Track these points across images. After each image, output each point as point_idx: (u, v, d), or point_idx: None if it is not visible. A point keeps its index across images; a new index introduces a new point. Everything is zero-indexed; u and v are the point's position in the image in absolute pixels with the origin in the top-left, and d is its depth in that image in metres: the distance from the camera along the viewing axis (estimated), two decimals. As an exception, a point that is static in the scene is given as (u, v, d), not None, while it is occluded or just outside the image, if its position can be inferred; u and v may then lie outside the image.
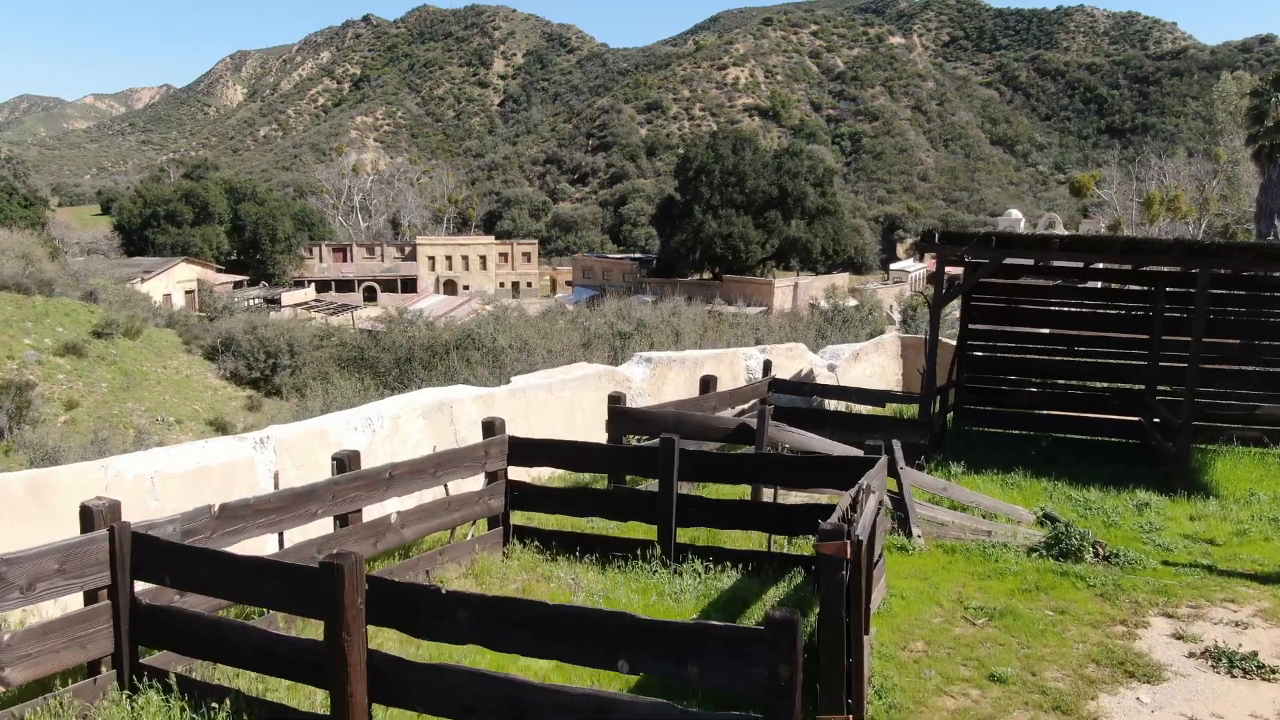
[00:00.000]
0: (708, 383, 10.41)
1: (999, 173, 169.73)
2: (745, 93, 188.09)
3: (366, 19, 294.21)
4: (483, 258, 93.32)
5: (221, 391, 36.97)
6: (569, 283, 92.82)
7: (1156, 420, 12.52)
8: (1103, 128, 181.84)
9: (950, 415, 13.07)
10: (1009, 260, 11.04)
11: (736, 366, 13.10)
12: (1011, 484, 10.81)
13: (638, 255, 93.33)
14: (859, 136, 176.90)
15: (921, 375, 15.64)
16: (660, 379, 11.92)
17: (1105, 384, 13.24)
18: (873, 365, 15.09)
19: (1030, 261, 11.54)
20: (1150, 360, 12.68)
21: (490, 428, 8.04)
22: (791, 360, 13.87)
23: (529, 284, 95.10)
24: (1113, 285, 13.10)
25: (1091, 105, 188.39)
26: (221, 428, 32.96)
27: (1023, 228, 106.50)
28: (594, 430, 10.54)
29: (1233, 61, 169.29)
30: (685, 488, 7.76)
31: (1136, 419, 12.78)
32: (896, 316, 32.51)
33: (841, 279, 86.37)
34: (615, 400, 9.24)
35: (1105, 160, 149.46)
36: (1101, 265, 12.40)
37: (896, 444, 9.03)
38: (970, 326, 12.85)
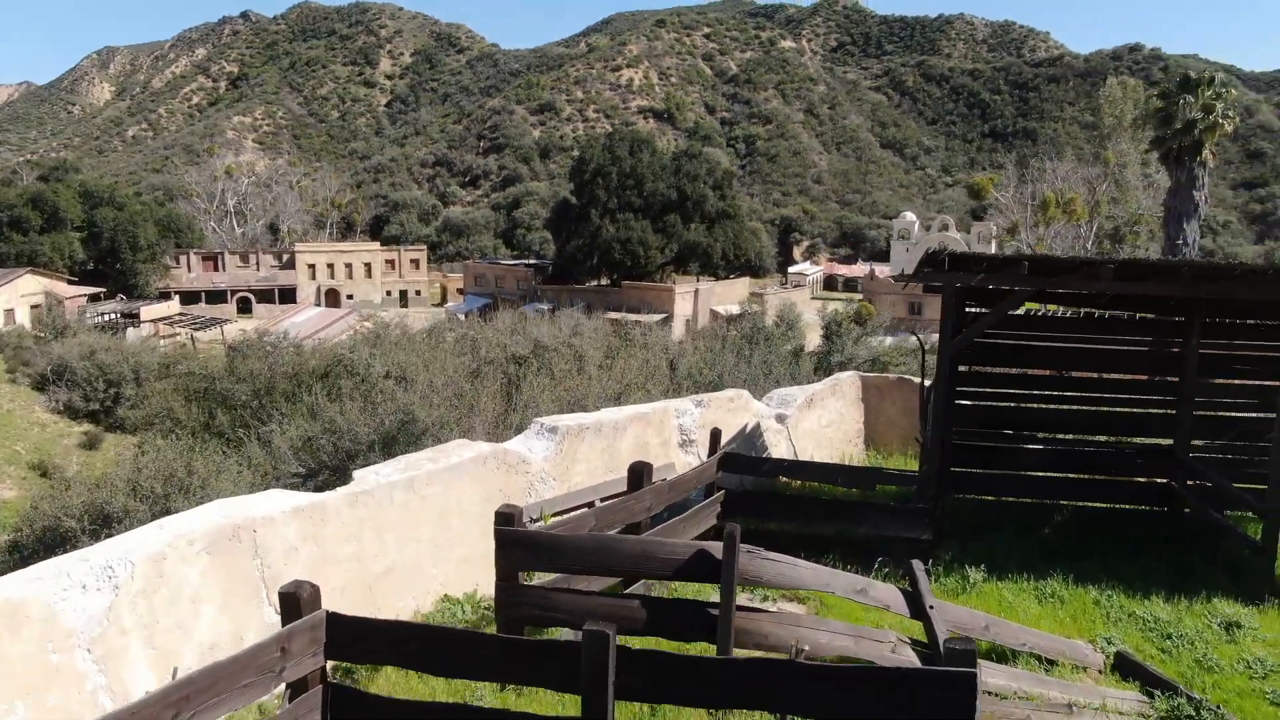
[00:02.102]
0: (639, 474, 7.24)
1: (890, 175, 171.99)
2: (640, 94, 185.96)
3: (245, 15, 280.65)
4: (368, 265, 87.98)
5: (52, 428, 31.89)
6: (460, 290, 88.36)
7: (1193, 482, 9.98)
8: (986, 132, 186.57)
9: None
10: (1047, 289, 8.24)
11: (667, 428, 9.99)
12: (1050, 595, 8.00)
13: (533, 261, 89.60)
14: (753, 139, 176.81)
15: (895, 429, 12.84)
16: (569, 455, 8.71)
17: (1121, 438, 10.63)
18: (829, 412, 12.24)
19: (1071, 290, 8.71)
20: (1183, 408, 10.12)
21: (294, 603, 4.71)
22: (733, 414, 10.86)
23: (418, 292, 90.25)
24: (1138, 315, 10.50)
25: (975, 110, 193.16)
26: (45, 472, 28.11)
27: (917, 230, 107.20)
28: (477, 546, 7.30)
29: (1105, 69, 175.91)
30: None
31: (1165, 481, 10.21)
32: (817, 335, 29.97)
33: (742, 283, 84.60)
34: (505, 519, 5.98)
35: (998, 164, 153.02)
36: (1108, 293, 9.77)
37: (918, 569, 6.10)
38: (960, 369, 10.09)
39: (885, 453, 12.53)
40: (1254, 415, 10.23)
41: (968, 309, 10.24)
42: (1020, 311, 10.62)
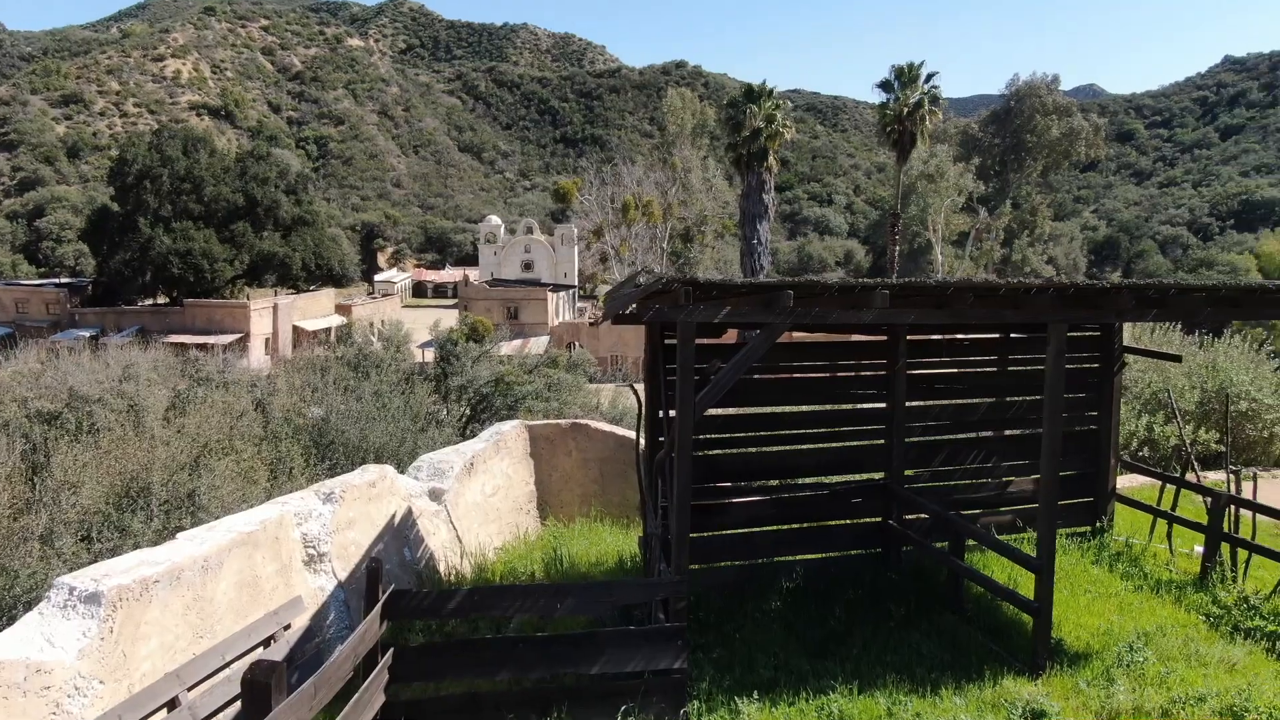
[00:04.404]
0: (264, 692, 4.11)
1: (470, 179, 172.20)
2: (190, 89, 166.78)
3: None
4: None
5: None
6: (-35, 320, 71.71)
7: (912, 516, 8.93)
8: (558, 137, 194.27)
9: (643, 553, 8.20)
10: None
11: (285, 545, 6.76)
12: (832, 714, 6.16)
13: (66, 280, 75.43)
14: (325, 141, 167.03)
15: (574, 487, 10.52)
16: (127, 633, 5.27)
17: (836, 477, 9.33)
18: (494, 476, 9.64)
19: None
20: (892, 437, 9.00)
21: None
22: (376, 503, 7.85)
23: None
24: (852, 338, 9.20)
25: (546, 116, 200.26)
26: None
27: (503, 233, 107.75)
28: None
29: (658, 82, 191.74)
30: None
31: (879, 520, 9.04)
32: (429, 352, 27.16)
33: (326, 295, 78.50)
34: None
35: (572, 168, 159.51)
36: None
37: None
38: (671, 414, 8.07)
39: (564, 518, 10.26)
40: (959, 437, 9.45)
41: (667, 340, 8.25)
42: (717, 340, 8.86)
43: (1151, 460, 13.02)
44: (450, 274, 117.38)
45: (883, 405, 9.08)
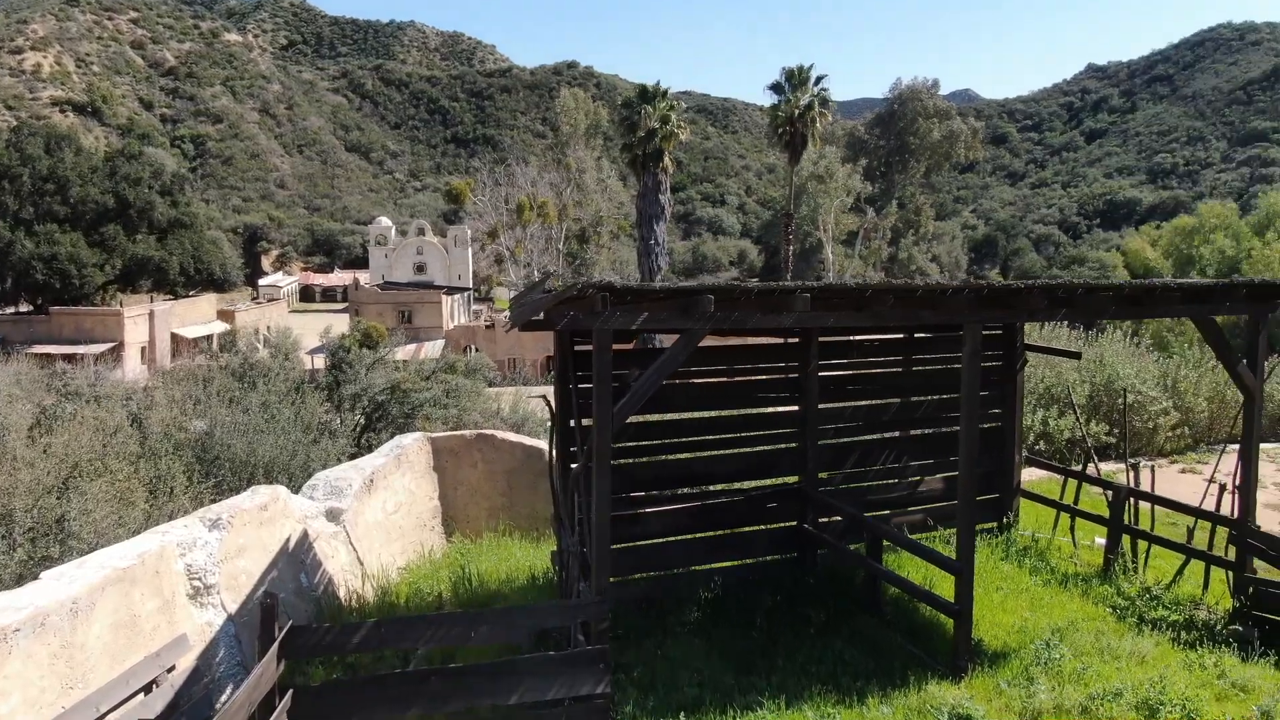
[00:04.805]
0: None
1: (358, 180, 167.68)
2: (52, 83, 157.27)
3: None
4: None
5: None
6: None
7: (827, 520, 8.86)
8: (449, 138, 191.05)
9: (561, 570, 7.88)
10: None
11: (167, 580, 6.17)
12: (761, 732, 5.98)
13: (-85, 288, 69.96)
14: (203, 140, 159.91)
15: (481, 500, 10.07)
16: (-22, 694, 4.65)
17: (753, 482, 9.19)
18: (397, 493, 9.12)
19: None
20: (806, 440, 8.91)
21: None
22: (268, 527, 7.29)
23: None
24: (766, 341, 9.05)
25: (436, 116, 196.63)
26: None
27: (393, 235, 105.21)
28: None
29: (550, 82, 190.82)
30: None
31: (794, 524, 8.94)
32: (320, 358, 26.13)
33: (206, 300, 75.18)
34: None
35: (463, 169, 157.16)
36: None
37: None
38: (585, 423, 7.77)
39: (471, 534, 9.81)
40: (871, 438, 9.44)
41: (577, 347, 7.95)
42: (627, 346, 8.60)
43: (1047, 453, 13.38)
44: (339, 277, 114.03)
45: (796, 408, 8.99)
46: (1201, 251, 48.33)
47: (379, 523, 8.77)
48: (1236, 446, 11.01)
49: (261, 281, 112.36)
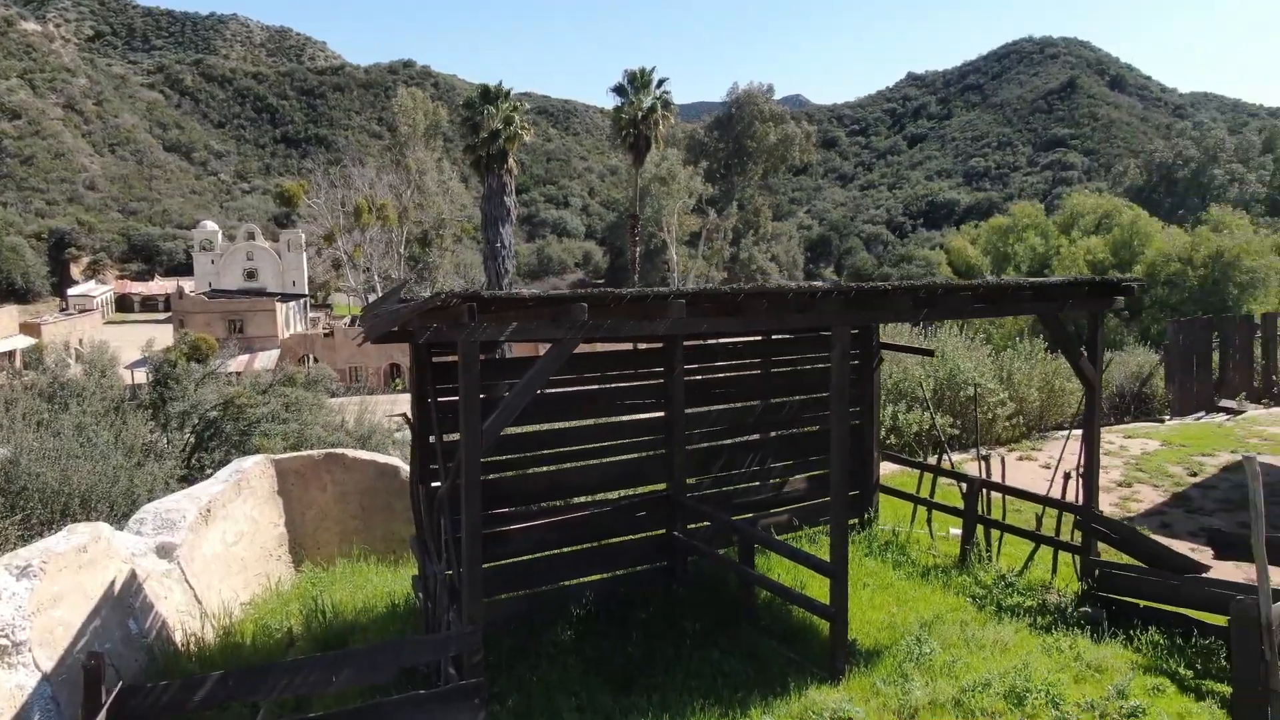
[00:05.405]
0: None
1: (179, 181, 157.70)
2: None
3: None
4: None
5: None
6: None
7: (697, 526, 8.74)
8: (279, 137, 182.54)
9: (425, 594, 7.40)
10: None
11: (-36, 642, 5.35)
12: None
13: None
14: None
15: (332, 525, 9.38)
16: None
17: (623, 492, 8.94)
18: (238, 522, 8.34)
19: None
20: (673, 446, 8.76)
21: None
22: (88, 569, 6.48)
23: None
24: (631, 347, 8.82)
25: (264, 114, 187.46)
26: None
27: (220, 240, 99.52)
28: None
29: (385, 81, 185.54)
30: None
31: (664, 532, 8.78)
32: (141, 373, 24.30)
33: (6, 313, 68.96)
34: None
35: (294, 170, 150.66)
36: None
37: None
38: (448, 439, 7.31)
39: (323, 561, 9.12)
40: (736, 441, 9.39)
41: (436, 358, 7.51)
42: (490, 356, 8.21)
43: (897, 447, 13.81)
44: (161, 285, 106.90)
45: (662, 414, 8.82)
46: (1016, 249, 51.74)
47: (218, 555, 8.02)
48: (1065, 432, 11.58)
49: (71, 291, 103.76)
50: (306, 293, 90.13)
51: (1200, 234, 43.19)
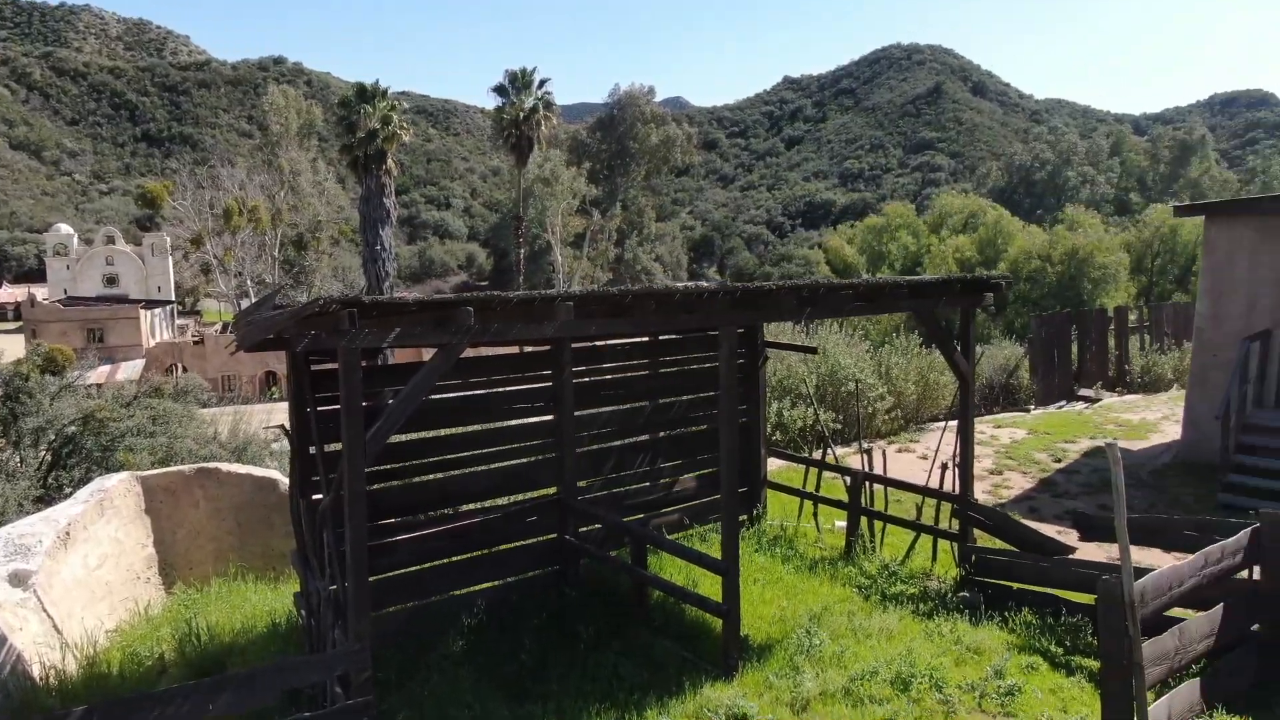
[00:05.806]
0: None
1: (28, 182, 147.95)
2: None
3: None
4: None
5: None
6: None
7: (588, 529, 8.70)
8: (139, 136, 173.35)
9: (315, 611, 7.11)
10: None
11: None
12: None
13: None
14: None
15: (206, 543, 8.90)
16: None
17: (514, 497, 8.81)
18: (101, 544, 7.82)
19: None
20: (563, 449, 8.69)
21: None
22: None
23: None
24: (518, 350, 8.68)
25: (123, 111, 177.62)
26: None
27: (76, 244, 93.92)
28: None
29: (255, 78, 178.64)
30: None
31: (555, 536, 8.70)
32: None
33: None
34: None
35: (158, 170, 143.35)
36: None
37: None
38: (329, 449, 7.03)
39: (197, 581, 8.66)
40: (626, 442, 9.38)
41: (314, 366, 7.23)
42: (368, 363, 7.97)
43: (783, 443, 14.10)
44: (10, 293, 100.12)
45: (551, 417, 8.74)
46: (890, 248, 53.72)
47: (80, 581, 7.52)
48: (941, 424, 12.01)
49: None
50: (173, 299, 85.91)
51: (1057, 233, 45.77)
